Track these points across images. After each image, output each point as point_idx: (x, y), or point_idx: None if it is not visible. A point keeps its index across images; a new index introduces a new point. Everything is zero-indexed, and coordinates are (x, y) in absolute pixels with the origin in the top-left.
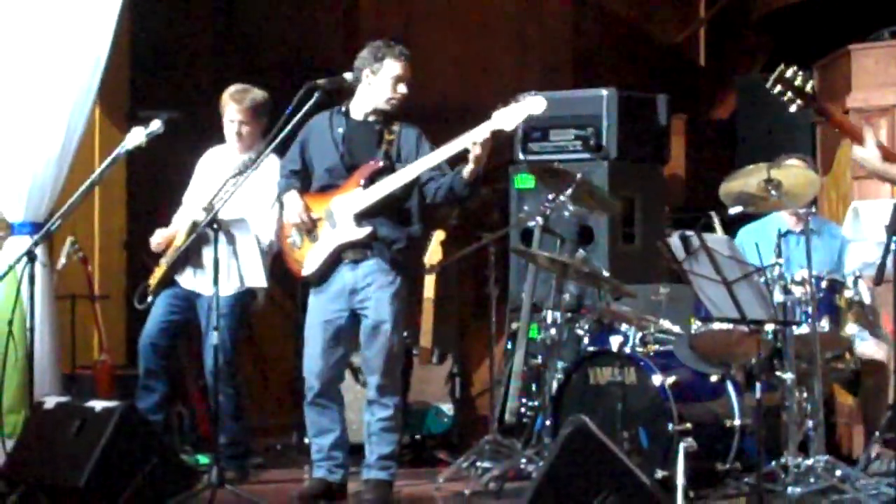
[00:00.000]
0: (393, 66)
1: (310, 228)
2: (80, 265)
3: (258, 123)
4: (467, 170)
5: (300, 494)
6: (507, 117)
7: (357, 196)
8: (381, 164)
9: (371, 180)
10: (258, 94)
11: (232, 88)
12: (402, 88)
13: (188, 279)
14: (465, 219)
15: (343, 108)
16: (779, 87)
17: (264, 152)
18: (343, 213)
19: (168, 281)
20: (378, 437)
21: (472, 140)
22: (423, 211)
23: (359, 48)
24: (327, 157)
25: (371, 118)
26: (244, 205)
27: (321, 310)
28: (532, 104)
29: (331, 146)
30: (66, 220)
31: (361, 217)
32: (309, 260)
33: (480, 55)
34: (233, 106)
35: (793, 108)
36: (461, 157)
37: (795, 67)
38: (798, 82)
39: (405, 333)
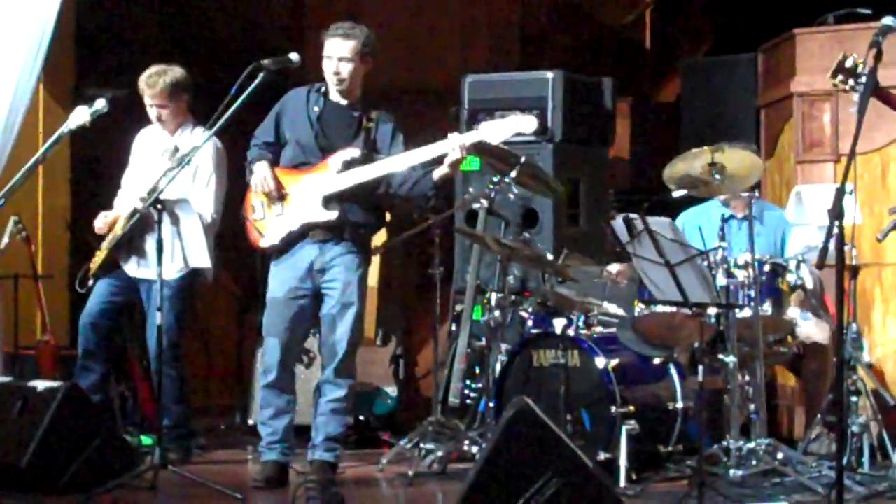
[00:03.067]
0: (326, 46)
1: (274, 200)
2: (23, 245)
3: (176, 103)
4: (439, 173)
5: (263, 477)
6: (495, 131)
7: (329, 179)
8: (358, 152)
9: (346, 166)
10: (171, 74)
11: (146, 73)
12: (335, 66)
13: (132, 268)
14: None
15: (322, 88)
16: (840, 77)
17: (205, 135)
18: (313, 193)
19: (109, 266)
20: (327, 417)
21: (454, 145)
22: (389, 199)
23: (305, 27)
24: (302, 135)
25: (345, 102)
26: (183, 182)
27: (285, 285)
28: (523, 122)
29: (305, 124)
30: (9, 199)
31: (330, 200)
32: (271, 232)
33: (427, 36)
34: (147, 91)
35: (855, 97)
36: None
37: (854, 56)
38: (859, 70)
39: None
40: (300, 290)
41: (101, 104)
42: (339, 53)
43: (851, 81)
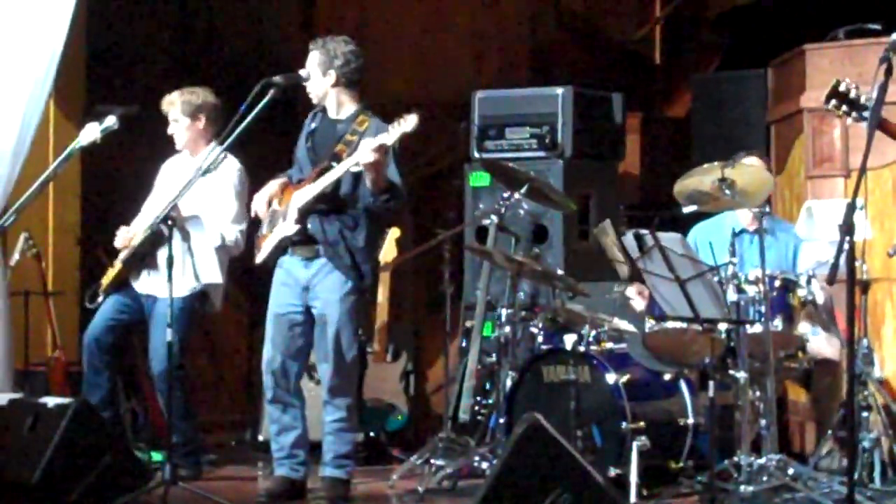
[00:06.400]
0: None
1: (265, 217)
2: (33, 261)
3: (188, 121)
4: (367, 180)
5: (266, 493)
6: (390, 133)
7: (304, 192)
8: (327, 164)
9: (317, 179)
10: (196, 95)
11: (176, 91)
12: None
13: (143, 283)
14: (420, 216)
15: (322, 106)
16: (833, 102)
17: (219, 151)
18: (292, 208)
19: (121, 282)
20: (334, 436)
21: (364, 149)
22: (371, 213)
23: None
24: (300, 153)
25: (336, 117)
26: (204, 204)
27: (281, 301)
28: (407, 122)
29: (303, 142)
30: (20, 215)
31: (304, 213)
32: (262, 248)
33: (437, 51)
34: (167, 106)
35: (849, 121)
36: None
37: (848, 80)
38: (853, 95)
39: (360, 332)
40: (294, 307)
41: (111, 121)
42: (307, 64)
43: (845, 107)
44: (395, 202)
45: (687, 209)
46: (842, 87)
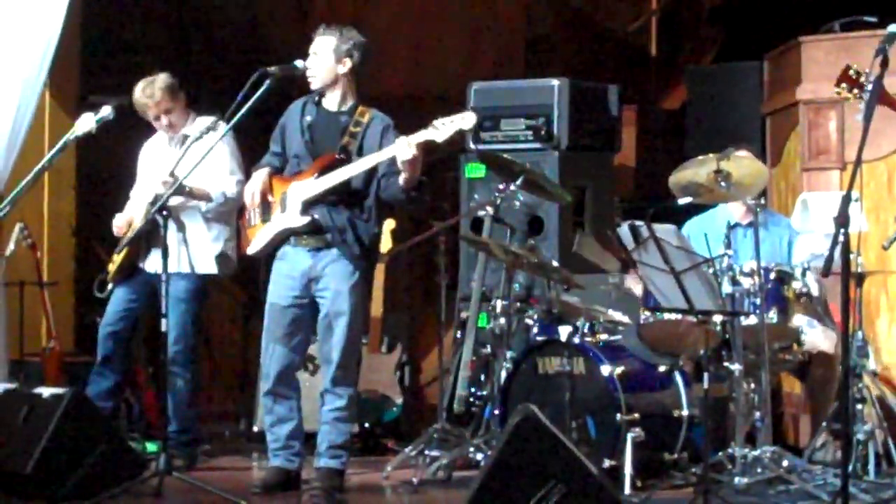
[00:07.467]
0: None
1: (259, 207)
2: (28, 251)
3: (177, 102)
4: (402, 177)
5: (261, 483)
6: (440, 130)
7: (309, 185)
8: (336, 156)
9: (325, 171)
10: (160, 79)
11: (137, 89)
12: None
13: (152, 261)
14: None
15: (316, 97)
16: (844, 85)
17: (206, 125)
18: (293, 200)
19: (127, 268)
20: (330, 426)
21: (403, 145)
22: (380, 204)
23: (311, 34)
24: (294, 144)
25: (336, 108)
26: (203, 169)
27: (282, 292)
28: (464, 119)
29: (298, 134)
30: (14, 205)
31: (309, 205)
32: (256, 239)
33: (432, 42)
34: (149, 103)
35: (861, 105)
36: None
37: (856, 66)
38: (863, 80)
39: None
40: (296, 298)
41: (106, 111)
42: (312, 49)
43: (856, 90)
44: (420, 197)
45: (682, 201)
46: (851, 73)
